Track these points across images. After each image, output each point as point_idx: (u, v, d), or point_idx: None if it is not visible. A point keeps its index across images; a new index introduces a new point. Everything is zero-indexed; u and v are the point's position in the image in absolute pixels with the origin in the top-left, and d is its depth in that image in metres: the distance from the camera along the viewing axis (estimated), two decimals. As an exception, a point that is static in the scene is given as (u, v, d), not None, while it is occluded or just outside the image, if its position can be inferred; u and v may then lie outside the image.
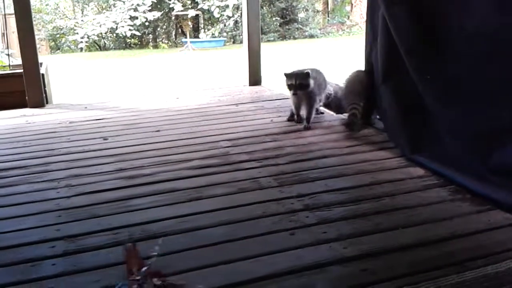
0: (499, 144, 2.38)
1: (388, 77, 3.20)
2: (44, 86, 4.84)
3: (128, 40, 17.04)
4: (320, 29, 18.16)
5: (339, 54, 10.27)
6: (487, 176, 2.39)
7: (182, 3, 15.79)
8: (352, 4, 18.45)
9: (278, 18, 17.28)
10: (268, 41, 15.85)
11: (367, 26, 3.65)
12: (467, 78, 2.59)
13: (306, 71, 3.63)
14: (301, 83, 3.58)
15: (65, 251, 2.02)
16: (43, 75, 4.80)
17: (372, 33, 3.41)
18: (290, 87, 3.64)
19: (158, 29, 17.62)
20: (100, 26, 15.08)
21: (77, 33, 15.08)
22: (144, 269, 1.68)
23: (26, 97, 4.68)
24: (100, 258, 1.97)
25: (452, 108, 2.70)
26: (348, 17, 18.68)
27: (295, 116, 3.85)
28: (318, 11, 19.71)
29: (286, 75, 3.67)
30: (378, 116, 3.63)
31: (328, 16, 20.58)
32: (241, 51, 5.72)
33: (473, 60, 2.53)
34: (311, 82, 3.61)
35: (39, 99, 4.76)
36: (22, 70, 4.68)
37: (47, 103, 4.89)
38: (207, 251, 1.99)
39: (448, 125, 2.76)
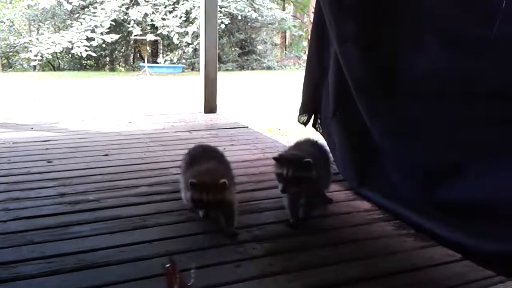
0: (443, 180, 2.44)
1: (339, 111, 3.26)
2: (-11, 105, 4.66)
3: (84, 62, 16.73)
4: (277, 62, 18.56)
5: (294, 87, 10.43)
6: (431, 212, 2.45)
7: (141, 27, 15.71)
8: (308, 40, 18.98)
9: (237, 49, 17.54)
10: (227, 70, 15.98)
11: (312, 65, 3.63)
12: (414, 117, 2.66)
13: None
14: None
15: (-3, 279, 1.90)
16: (-12, 92, 4.62)
17: (322, 70, 3.48)
18: (197, 203, 2.26)
19: (116, 52, 17.41)
20: (55, 45, 14.70)
21: (31, 51, 14.64)
22: None
23: (-32, 115, 4.49)
24: (34, 287, 1.86)
25: (399, 145, 2.76)
26: (305, 52, 19.17)
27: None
28: (276, 45, 20.20)
29: (192, 182, 2.22)
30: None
31: (285, 50, 21.13)
32: (198, 78, 5.72)
33: (422, 100, 2.61)
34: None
35: (-18, 118, 4.57)
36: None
37: (-9, 121, 4.70)
38: (146, 283, 1.91)
39: (395, 161, 2.82)
